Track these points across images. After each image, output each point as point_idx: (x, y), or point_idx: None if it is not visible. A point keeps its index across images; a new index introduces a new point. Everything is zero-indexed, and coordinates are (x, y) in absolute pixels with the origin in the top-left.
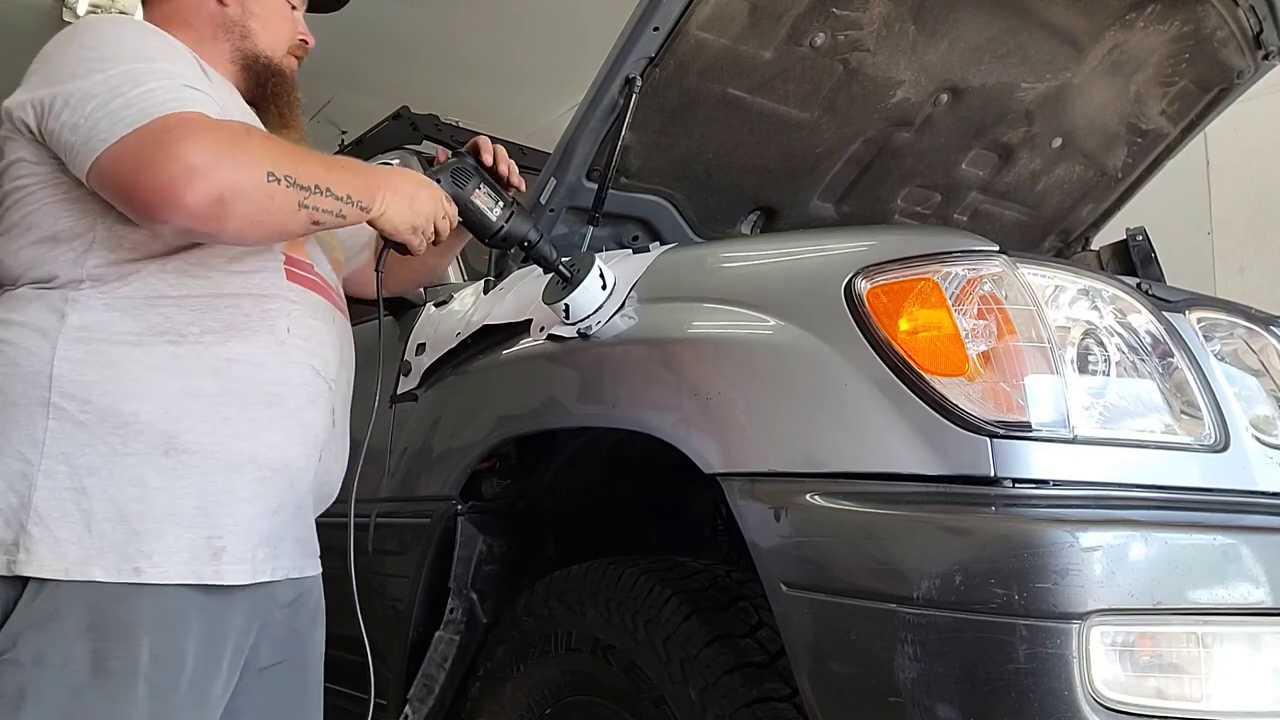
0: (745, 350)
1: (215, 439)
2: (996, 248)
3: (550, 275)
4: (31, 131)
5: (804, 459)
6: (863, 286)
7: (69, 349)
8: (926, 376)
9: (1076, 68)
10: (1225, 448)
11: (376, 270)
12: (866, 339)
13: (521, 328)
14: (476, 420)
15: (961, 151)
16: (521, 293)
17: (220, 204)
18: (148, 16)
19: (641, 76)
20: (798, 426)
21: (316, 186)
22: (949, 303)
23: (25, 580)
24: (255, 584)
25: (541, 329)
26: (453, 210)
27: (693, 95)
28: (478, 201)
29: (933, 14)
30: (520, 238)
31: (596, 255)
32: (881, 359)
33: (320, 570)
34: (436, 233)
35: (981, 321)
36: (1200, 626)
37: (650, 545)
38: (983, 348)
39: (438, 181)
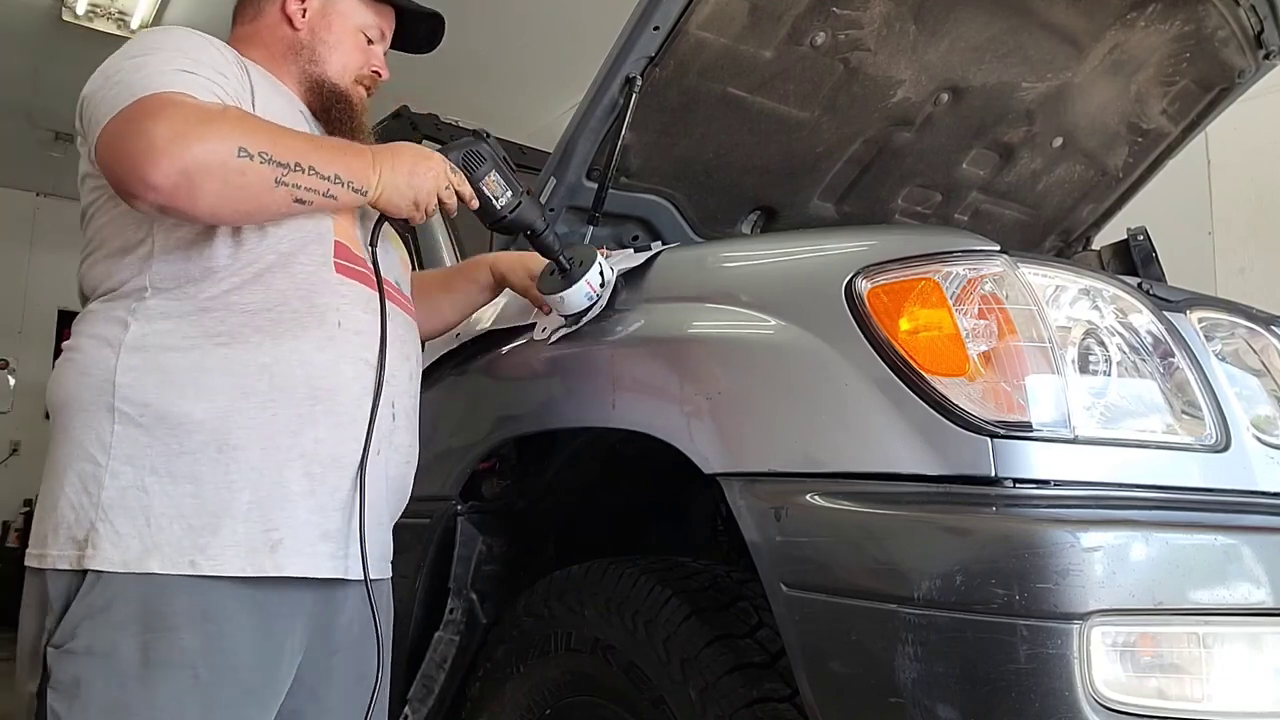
0: (745, 350)
1: (265, 435)
2: (997, 247)
3: (548, 264)
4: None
5: (804, 459)
6: (863, 286)
7: (129, 357)
8: (927, 376)
9: (1077, 67)
10: (1226, 448)
11: (371, 245)
12: (867, 339)
13: (524, 329)
14: (476, 420)
15: (962, 151)
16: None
17: (187, 179)
18: (232, 35)
19: (641, 76)
20: (798, 426)
21: (297, 164)
22: (950, 302)
23: (74, 574)
24: (319, 579)
25: (544, 330)
26: (463, 186)
27: (693, 95)
28: (486, 185)
29: (933, 13)
30: (525, 225)
31: (598, 251)
32: (882, 359)
33: (389, 575)
34: (446, 212)
35: (982, 321)
36: (1201, 627)
37: (650, 545)
38: (983, 347)
39: (449, 156)
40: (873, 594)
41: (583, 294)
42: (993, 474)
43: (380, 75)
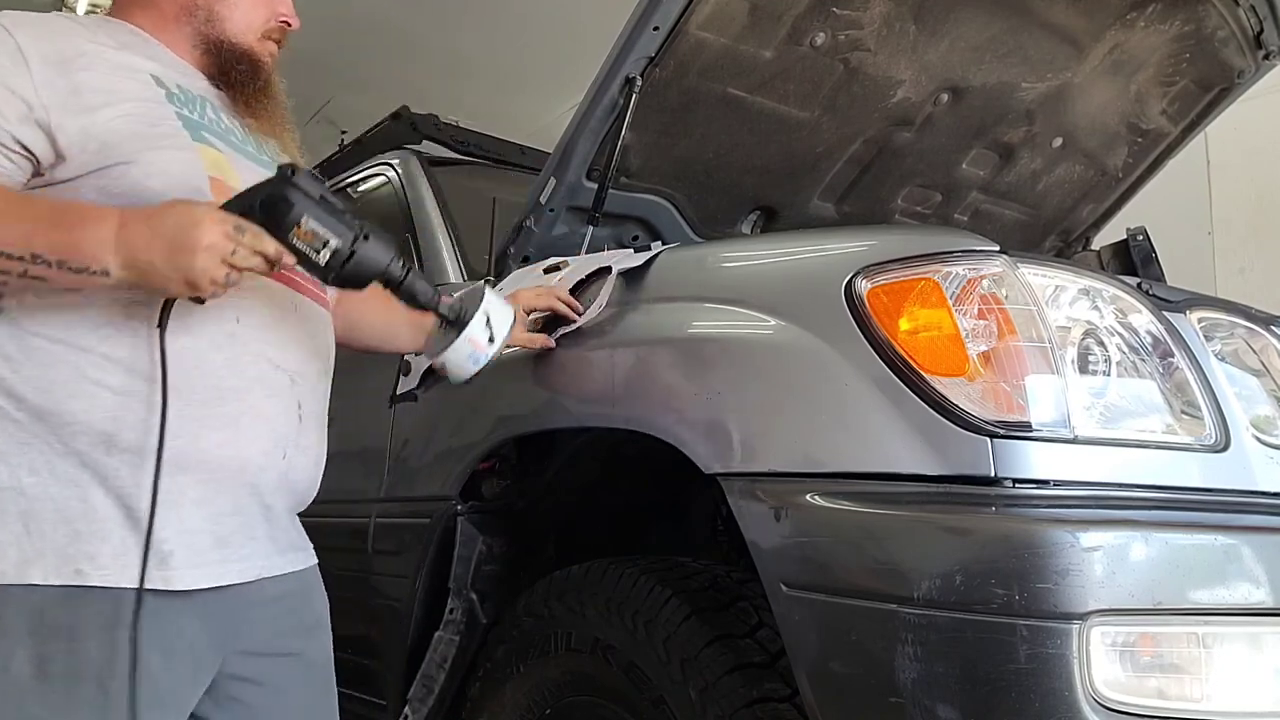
0: (745, 350)
1: (158, 438)
2: (997, 247)
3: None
4: None
5: (804, 459)
6: (863, 286)
7: (3, 344)
8: (927, 376)
9: (1077, 67)
10: (1226, 448)
11: (159, 327)
12: (867, 339)
13: None
14: (476, 420)
15: (962, 151)
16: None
17: None
18: (115, 4)
19: (641, 76)
20: (798, 426)
21: (13, 250)
22: (949, 302)
23: None
24: (216, 587)
25: (538, 321)
26: (264, 244)
27: (693, 95)
28: (299, 236)
29: (933, 13)
30: (368, 276)
31: (487, 288)
32: (882, 359)
33: (311, 563)
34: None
35: (982, 321)
36: (1201, 627)
37: (650, 545)
38: (983, 347)
39: (252, 210)
40: (873, 594)
41: (464, 354)
42: (992, 474)
43: (290, 25)
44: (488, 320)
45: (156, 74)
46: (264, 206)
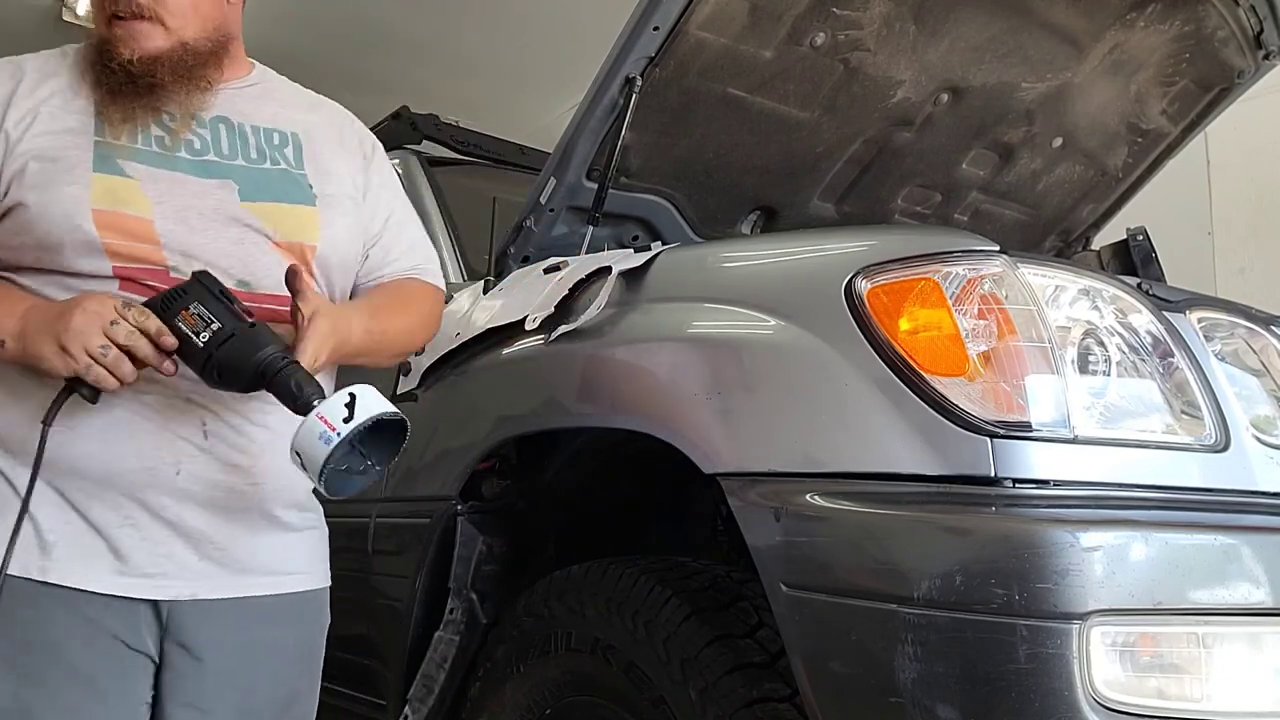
0: (745, 350)
1: (37, 446)
2: (997, 247)
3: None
4: None
5: (804, 459)
6: (863, 286)
7: None
8: (927, 376)
9: (1077, 67)
10: (1226, 448)
11: (44, 423)
12: (867, 339)
13: (518, 326)
14: (476, 420)
15: (962, 151)
16: (521, 293)
17: None
18: None
19: (641, 76)
20: (798, 426)
21: None
22: (949, 302)
23: None
24: (130, 597)
25: (535, 320)
26: (147, 320)
27: (693, 95)
28: (184, 319)
29: (933, 14)
30: (246, 362)
31: (369, 391)
32: (882, 359)
33: (275, 591)
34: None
35: (982, 321)
36: (1201, 627)
37: (650, 545)
38: (983, 348)
39: (153, 300)
40: (873, 594)
41: (315, 433)
42: (992, 474)
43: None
44: (350, 401)
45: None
46: (163, 296)
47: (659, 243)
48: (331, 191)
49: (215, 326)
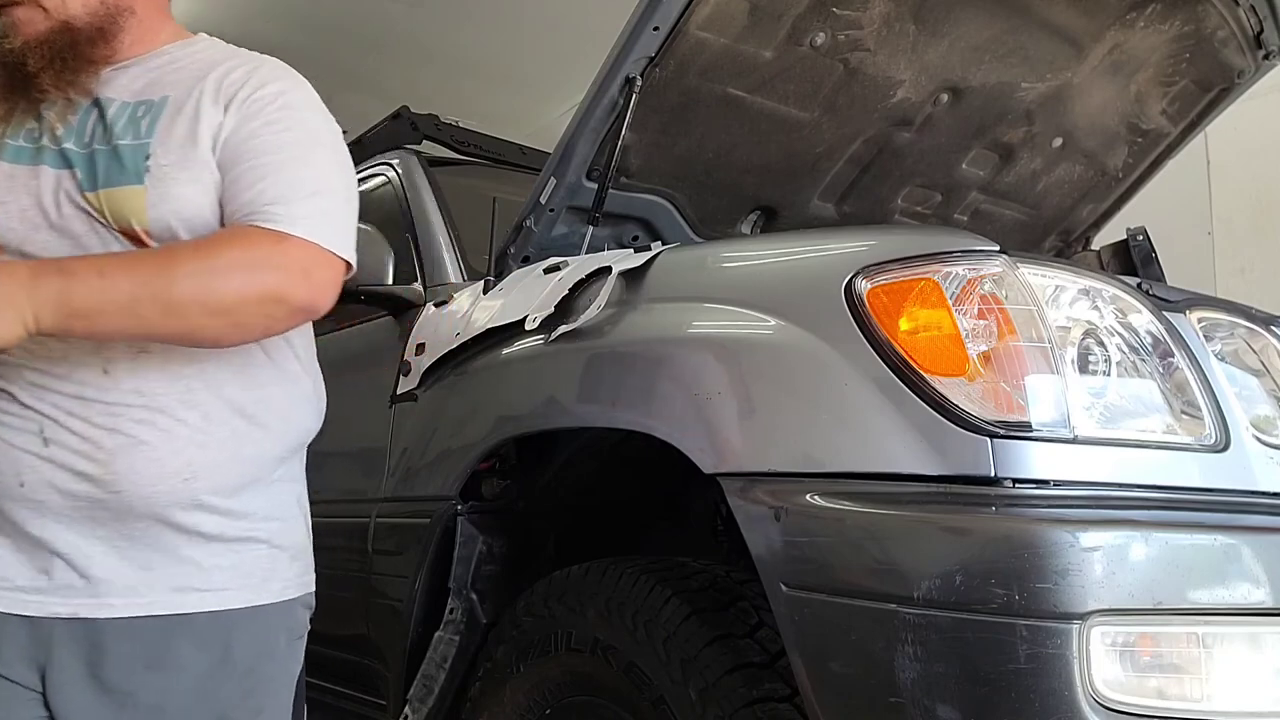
0: (745, 350)
1: None
2: (997, 248)
3: None
4: None
5: (804, 459)
6: (863, 286)
7: None
8: (927, 376)
9: (1077, 67)
10: (1226, 448)
11: None
12: (867, 339)
13: (518, 326)
14: (476, 420)
15: (962, 151)
16: (521, 293)
17: None
18: None
19: (641, 76)
20: (798, 426)
21: None
22: (949, 303)
23: None
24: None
25: (535, 319)
26: None
27: (693, 95)
28: None
29: (933, 14)
30: None
31: None
32: (882, 359)
33: (187, 610)
34: None
35: (982, 321)
36: (1201, 627)
37: (650, 545)
38: (983, 348)
39: None
40: (873, 594)
41: None
42: (992, 474)
43: None
44: None
45: None
46: None
47: (659, 243)
48: (172, 160)
49: None
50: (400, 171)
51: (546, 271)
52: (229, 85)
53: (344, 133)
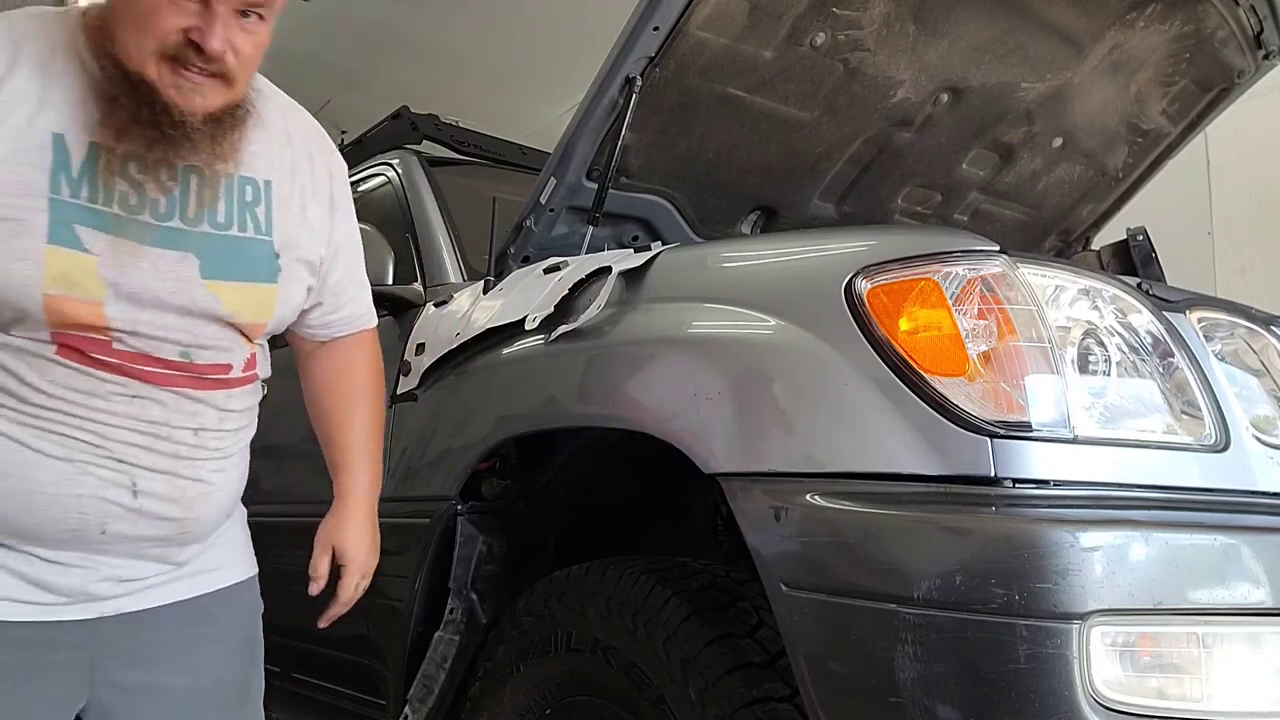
0: (745, 350)
1: None
2: (997, 248)
3: None
4: None
5: (804, 459)
6: (863, 286)
7: None
8: (927, 376)
9: (1077, 67)
10: (1226, 448)
11: None
12: (867, 339)
13: (518, 326)
14: (476, 420)
15: (962, 151)
16: (521, 293)
17: None
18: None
19: (641, 76)
20: (798, 426)
21: None
22: (949, 302)
23: None
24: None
25: (535, 319)
26: None
27: (693, 95)
28: None
29: (933, 14)
30: None
31: None
32: (882, 359)
33: (173, 600)
34: None
35: (982, 321)
36: (1201, 627)
37: (650, 545)
38: (983, 348)
39: None
40: (873, 594)
41: None
42: (992, 474)
43: (206, 46)
44: None
45: (64, 132)
46: None
47: (659, 243)
48: (294, 258)
49: None
50: (400, 171)
51: (546, 271)
52: (322, 176)
53: (344, 133)
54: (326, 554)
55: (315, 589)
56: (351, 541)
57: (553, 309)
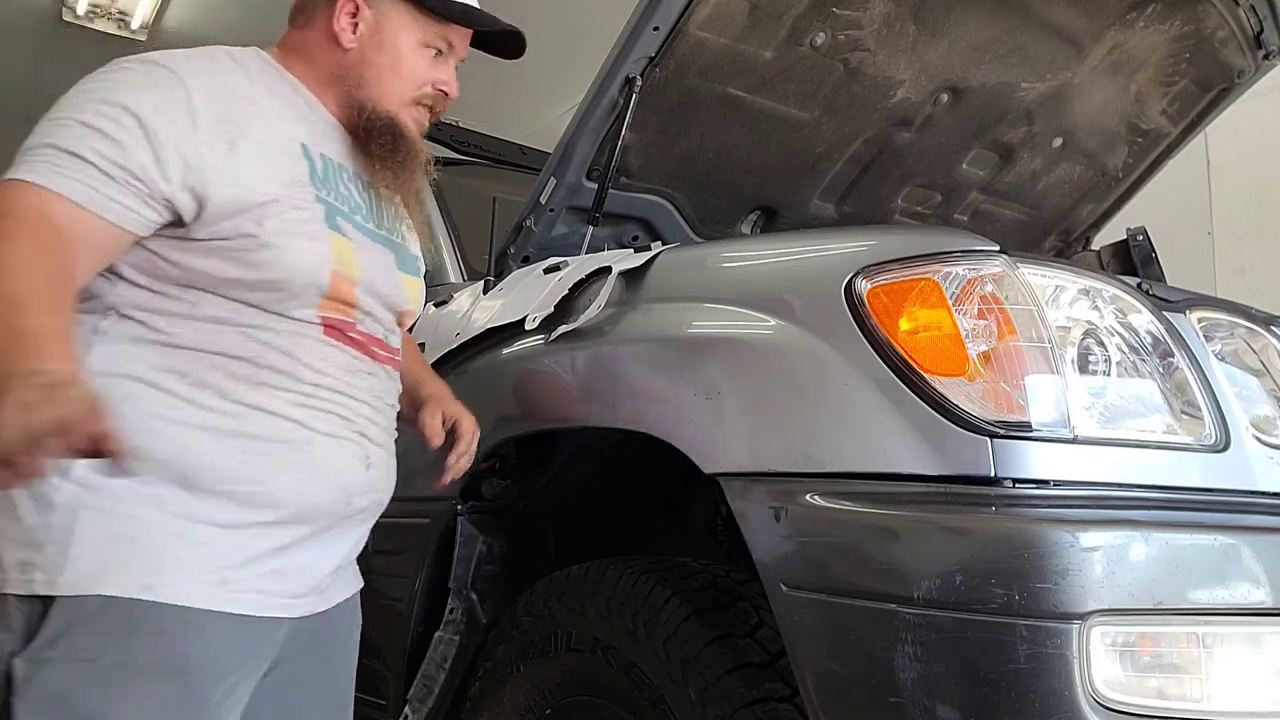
0: (745, 350)
1: (232, 481)
2: (997, 248)
3: None
4: None
5: (804, 459)
6: (863, 286)
7: (90, 378)
8: (927, 376)
9: (1077, 67)
10: (1226, 448)
11: None
12: (867, 339)
13: (518, 326)
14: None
15: (962, 151)
16: (521, 293)
17: None
18: (282, 42)
19: (641, 76)
20: (798, 426)
21: None
22: (949, 303)
23: (44, 598)
24: (268, 617)
25: (534, 319)
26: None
27: (693, 95)
28: None
29: (933, 14)
30: None
31: None
32: (882, 359)
33: (354, 591)
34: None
35: (982, 321)
36: (1201, 627)
37: (650, 545)
38: (983, 348)
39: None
40: (873, 594)
41: None
42: (992, 474)
43: (448, 94)
44: None
45: (305, 142)
46: None
47: (659, 243)
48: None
49: None
50: None
51: (546, 271)
52: None
53: None
54: (437, 417)
55: (437, 443)
56: (456, 407)
57: (553, 309)
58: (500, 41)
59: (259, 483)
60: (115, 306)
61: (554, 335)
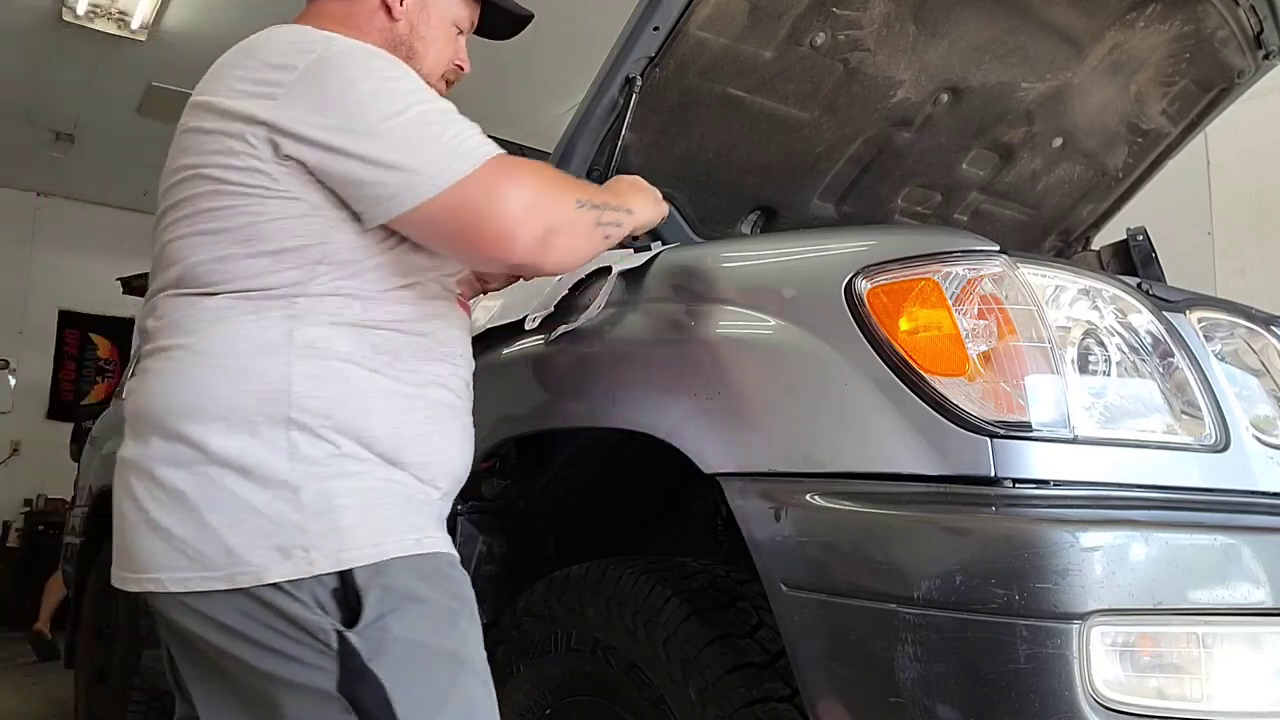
0: (745, 350)
1: (423, 452)
2: (997, 247)
3: None
4: (280, 150)
5: (804, 459)
6: (863, 286)
7: (302, 365)
8: (927, 376)
9: (1077, 67)
10: (1226, 448)
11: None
12: (867, 339)
13: (518, 326)
14: (476, 420)
15: (962, 151)
16: (521, 293)
17: (546, 239)
18: (317, 11)
19: (641, 76)
20: (798, 426)
21: (605, 203)
22: (949, 302)
23: (339, 574)
24: None
25: (534, 319)
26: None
27: (693, 95)
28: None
29: (933, 13)
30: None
31: None
32: (882, 359)
33: None
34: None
35: (982, 321)
36: (1201, 627)
37: (650, 545)
38: (983, 348)
39: None
40: (873, 594)
41: None
42: (992, 474)
43: (463, 69)
44: None
45: None
46: None
47: (659, 243)
48: None
49: None
50: None
51: None
52: None
53: None
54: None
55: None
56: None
57: (553, 309)
58: (498, 21)
59: (439, 451)
60: (312, 293)
61: (554, 335)
